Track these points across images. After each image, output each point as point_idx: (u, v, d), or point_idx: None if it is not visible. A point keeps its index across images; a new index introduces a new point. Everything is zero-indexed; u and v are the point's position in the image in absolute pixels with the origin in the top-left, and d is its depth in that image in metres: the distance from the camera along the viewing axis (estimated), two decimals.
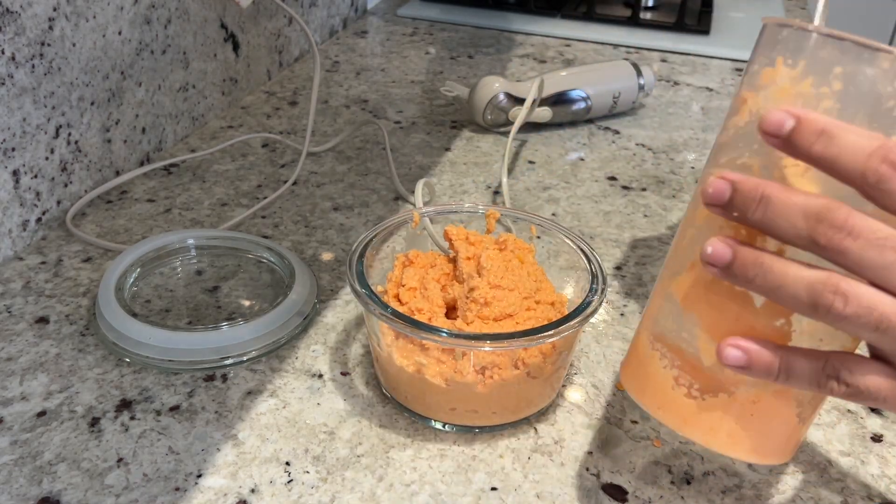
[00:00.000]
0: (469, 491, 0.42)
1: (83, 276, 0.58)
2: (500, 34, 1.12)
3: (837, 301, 0.31)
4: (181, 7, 0.73)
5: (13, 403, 0.46)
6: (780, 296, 0.32)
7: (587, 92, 0.82)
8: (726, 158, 0.35)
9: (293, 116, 0.84)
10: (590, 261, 0.48)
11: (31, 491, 0.41)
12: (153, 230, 0.63)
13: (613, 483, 0.43)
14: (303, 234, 0.64)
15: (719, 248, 0.33)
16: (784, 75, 0.33)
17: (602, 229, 0.66)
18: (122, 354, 0.50)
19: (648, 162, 0.78)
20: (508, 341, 0.42)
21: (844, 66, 0.32)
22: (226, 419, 0.46)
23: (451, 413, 0.45)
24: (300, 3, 0.95)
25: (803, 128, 0.32)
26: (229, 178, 0.72)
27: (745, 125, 0.35)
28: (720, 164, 0.36)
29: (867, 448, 0.46)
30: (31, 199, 0.60)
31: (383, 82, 0.94)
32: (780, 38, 0.34)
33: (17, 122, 0.57)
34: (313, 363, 0.51)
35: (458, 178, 0.74)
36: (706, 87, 0.97)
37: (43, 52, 0.58)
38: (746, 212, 0.33)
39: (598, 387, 0.50)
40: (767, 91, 0.34)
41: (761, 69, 0.35)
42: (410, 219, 0.52)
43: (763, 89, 0.34)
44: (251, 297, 0.56)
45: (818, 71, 0.33)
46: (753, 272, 0.33)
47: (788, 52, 0.33)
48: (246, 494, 0.42)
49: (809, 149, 0.32)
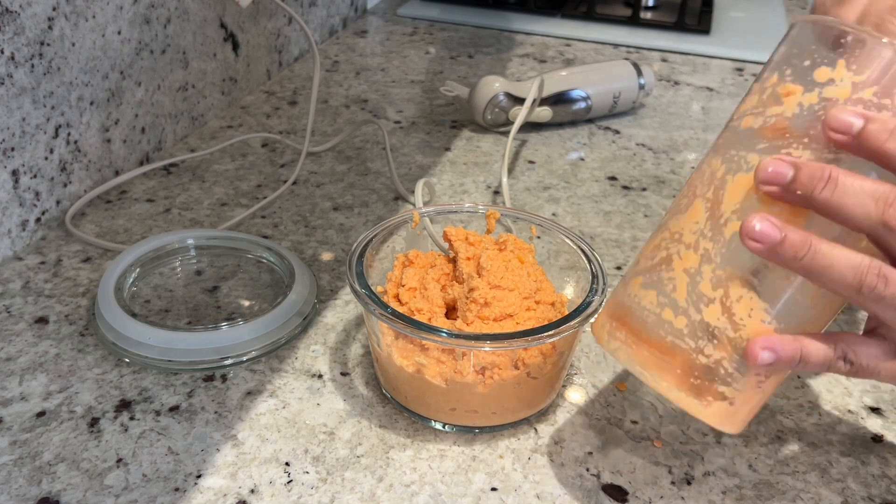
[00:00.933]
0: (469, 491, 0.42)
1: (82, 276, 0.58)
2: (500, 34, 1.12)
3: (880, 283, 0.33)
4: (181, 7, 0.73)
5: (12, 403, 0.46)
6: (828, 276, 0.34)
7: (587, 92, 0.82)
8: (766, 145, 0.36)
9: (293, 116, 0.84)
10: (590, 261, 0.48)
11: (30, 491, 0.41)
12: (153, 230, 0.63)
13: (613, 483, 0.43)
14: (302, 234, 0.64)
15: (767, 226, 0.34)
16: (846, 78, 0.34)
17: (602, 229, 0.66)
18: (121, 354, 0.50)
19: (649, 162, 0.78)
20: (508, 341, 0.42)
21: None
22: (225, 419, 0.46)
23: (451, 413, 0.45)
24: (300, 3, 0.95)
25: (876, 126, 0.33)
26: (229, 177, 0.72)
27: (793, 117, 0.35)
28: (758, 150, 0.36)
29: (867, 448, 0.46)
30: (30, 199, 0.60)
31: (383, 82, 0.94)
32: (845, 42, 0.35)
33: (17, 121, 0.57)
34: (313, 363, 0.51)
35: (458, 178, 0.74)
36: (706, 87, 0.96)
37: (42, 51, 0.58)
38: (814, 190, 0.33)
39: (598, 387, 0.50)
40: (824, 90, 0.35)
41: (816, 67, 0.35)
42: (410, 219, 0.52)
43: (819, 87, 0.35)
44: (251, 297, 0.56)
45: (885, 83, 0.34)
46: (803, 252, 0.33)
47: (853, 57, 0.34)
48: (245, 495, 0.42)
49: (882, 146, 0.33)
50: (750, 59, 1.05)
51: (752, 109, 0.37)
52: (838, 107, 0.34)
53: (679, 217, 0.38)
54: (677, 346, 0.37)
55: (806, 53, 0.36)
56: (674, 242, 0.38)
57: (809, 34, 0.36)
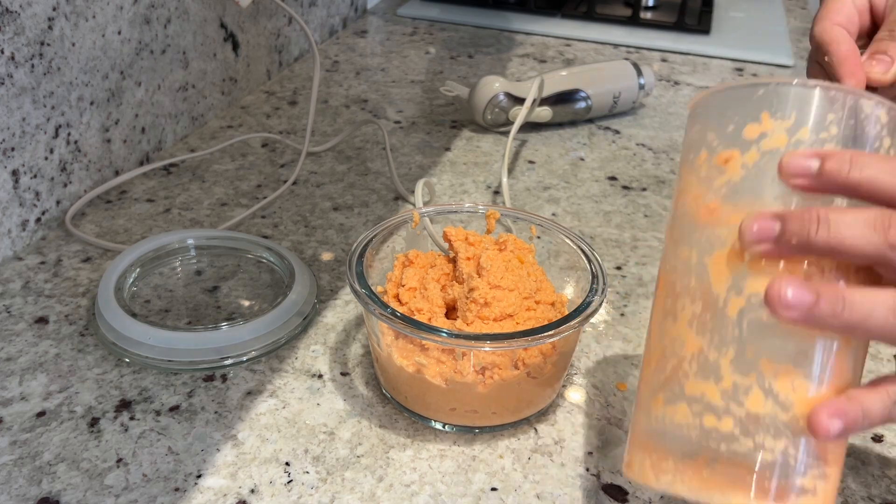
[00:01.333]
0: (469, 491, 0.42)
1: (83, 276, 0.58)
2: (500, 34, 1.12)
3: None
4: (181, 7, 0.73)
5: (13, 403, 0.46)
6: (867, 326, 0.32)
7: (587, 92, 0.82)
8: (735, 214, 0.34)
9: (293, 116, 0.84)
10: (590, 261, 0.48)
11: (30, 491, 0.41)
12: (153, 230, 0.63)
13: (613, 483, 0.43)
14: (302, 234, 0.64)
15: (798, 290, 0.31)
16: (777, 127, 0.34)
17: (602, 229, 0.66)
18: (121, 354, 0.50)
19: (649, 162, 0.78)
20: (508, 341, 0.42)
21: (836, 112, 0.34)
22: (225, 419, 0.46)
23: (451, 413, 0.45)
24: (300, 3, 0.95)
25: (833, 161, 0.32)
26: (229, 177, 0.72)
27: (742, 180, 0.34)
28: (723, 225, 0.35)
29: (867, 448, 0.46)
30: (30, 199, 0.60)
31: (383, 82, 0.94)
32: (759, 96, 0.35)
33: (17, 121, 0.57)
34: (313, 363, 0.51)
35: (458, 178, 0.74)
36: (706, 87, 0.96)
37: (42, 51, 0.58)
38: (808, 235, 0.32)
39: (598, 387, 0.50)
40: (761, 144, 0.34)
41: (742, 127, 0.35)
42: (410, 219, 0.52)
43: (754, 143, 0.34)
44: (251, 297, 0.56)
45: (814, 119, 0.34)
46: (840, 307, 0.31)
47: (773, 106, 0.34)
48: (245, 495, 0.42)
49: (847, 178, 0.32)
50: (750, 59, 1.05)
51: (695, 191, 0.36)
52: (789, 153, 0.33)
53: (672, 318, 0.36)
54: (735, 451, 0.33)
55: (725, 120, 0.35)
56: (679, 345, 0.35)
57: (718, 103, 0.36)
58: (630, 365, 0.52)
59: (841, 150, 0.33)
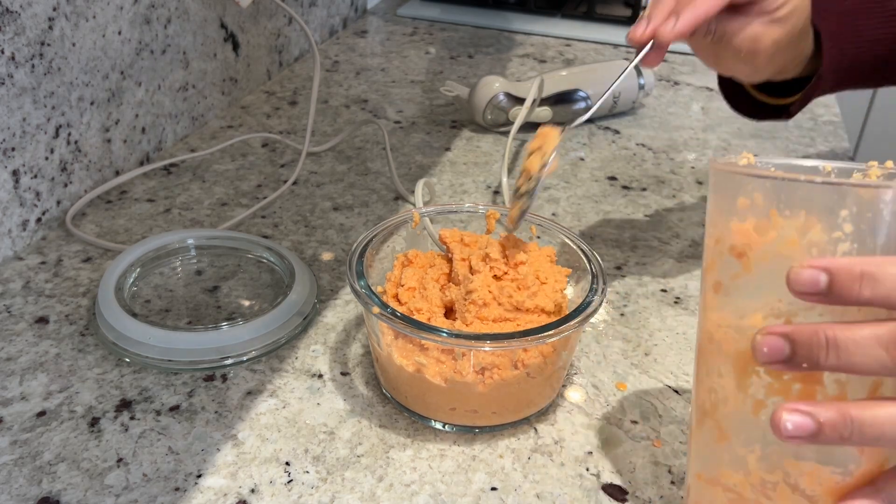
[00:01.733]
0: (469, 491, 0.42)
1: (83, 276, 0.58)
2: (500, 34, 1.12)
3: None
4: (181, 7, 0.73)
5: (13, 403, 0.46)
6: (883, 442, 0.31)
7: (587, 92, 0.82)
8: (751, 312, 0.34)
9: (293, 116, 0.84)
10: (590, 261, 0.48)
11: (30, 491, 0.41)
12: (153, 230, 0.63)
13: (613, 483, 0.43)
14: (303, 234, 0.64)
15: (797, 420, 0.31)
16: (787, 226, 0.32)
17: (602, 229, 0.66)
18: (121, 354, 0.50)
19: (648, 162, 0.78)
20: (508, 341, 0.42)
21: (849, 207, 0.31)
22: (226, 419, 0.46)
23: (451, 413, 0.45)
24: (300, 3, 0.95)
25: (841, 277, 0.31)
26: (229, 177, 0.72)
27: (756, 277, 0.34)
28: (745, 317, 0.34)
29: None
30: (30, 199, 0.60)
31: (383, 82, 0.94)
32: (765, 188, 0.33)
33: (17, 121, 0.57)
34: (313, 363, 0.51)
35: (458, 178, 0.74)
36: (706, 87, 0.97)
37: (43, 51, 0.58)
38: (818, 360, 0.31)
39: (598, 387, 0.50)
40: (772, 245, 0.33)
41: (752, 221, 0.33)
42: (410, 219, 0.52)
43: (764, 243, 0.33)
44: (251, 297, 0.56)
45: (824, 217, 0.32)
46: (847, 430, 0.31)
47: (781, 202, 0.33)
48: (246, 494, 0.42)
49: (858, 295, 0.31)
50: None
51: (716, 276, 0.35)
52: (796, 267, 0.31)
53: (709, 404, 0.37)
54: None
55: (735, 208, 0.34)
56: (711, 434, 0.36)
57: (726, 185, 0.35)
58: (630, 365, 0.52)
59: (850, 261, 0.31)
